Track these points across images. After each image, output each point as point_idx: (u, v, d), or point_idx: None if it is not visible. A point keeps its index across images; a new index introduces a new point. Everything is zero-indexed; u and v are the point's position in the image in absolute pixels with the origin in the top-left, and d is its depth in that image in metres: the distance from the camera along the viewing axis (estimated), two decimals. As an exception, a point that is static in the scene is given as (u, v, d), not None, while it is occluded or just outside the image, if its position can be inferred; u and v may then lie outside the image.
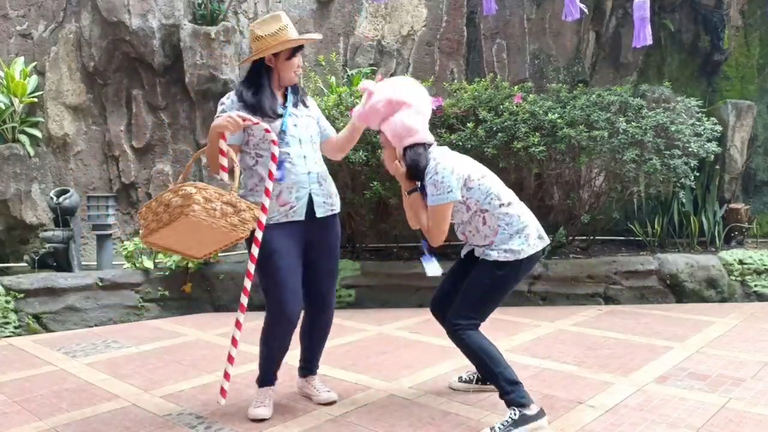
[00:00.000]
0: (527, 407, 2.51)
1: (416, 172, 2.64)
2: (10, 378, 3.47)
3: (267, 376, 2.84)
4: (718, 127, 5.32)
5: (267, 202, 2.56)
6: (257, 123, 2.58)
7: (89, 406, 2.98)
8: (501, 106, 4.95)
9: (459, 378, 3.11)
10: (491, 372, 2.58)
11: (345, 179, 5.27)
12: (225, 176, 2.53)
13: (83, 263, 5.62)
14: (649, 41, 4.70)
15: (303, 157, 2.69)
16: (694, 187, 5.57)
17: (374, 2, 6.28)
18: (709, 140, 5.15)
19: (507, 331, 4.21)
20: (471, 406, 2.82)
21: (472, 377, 3.06)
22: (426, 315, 3.57)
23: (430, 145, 2.67)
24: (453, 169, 2.59)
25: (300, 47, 2.75)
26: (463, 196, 2.61)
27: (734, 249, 5.37)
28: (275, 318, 2.68)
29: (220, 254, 5.45)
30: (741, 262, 5.08)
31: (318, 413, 2.79)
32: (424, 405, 2.86)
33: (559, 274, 5.05)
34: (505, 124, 4.82)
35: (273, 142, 2.58)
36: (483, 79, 5.43)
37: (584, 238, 5.66)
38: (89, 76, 6.25)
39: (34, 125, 6.01)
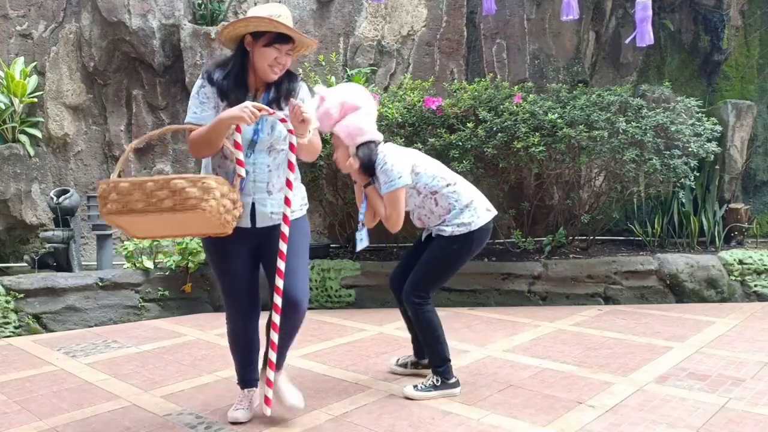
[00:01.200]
0: (449, 379, 2.98)
1: (369, 166, 2.92)
2: (10, 378, 3.47)
3: (241, 377, 2.81)
4: (718, 127, 5.32)
5: (290, 195, 2.52)
6: (273, 113, 2.43)
7: (89, 406, 2.98)
8: (501, 106, 4.95)
9: (396, 361, 3.36)
10: (433, 347, 2.99)
11: (345, 179, 5.28)
12: (243, 171, 2.43)
13: (83, 263, 5.62)
14: (651, 41, 4.70)
15: (266, 165, 2.53)
16: (694, 187, 5.57)
17: (374, 2, 6.28)
18: (708, 140, 5.15)
19: (507, 331, 4.21)
20: (471, 406, 2.82)
21: (406, 362, 3.30)
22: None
23: (378, 143, 2.98)
24: (400, 158, 2.94)
25: (284, 41, 2.47)
26: (412, 181, 2.94)
27: (734, 249, 5.37)
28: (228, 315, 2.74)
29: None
30: (741, 262, 5.08)
31: (318, 413, 2.79)
32: (424, 405, 2.86)
33: (559, 274, 5.05)
34: (505, 124, 4.81)
35: (290, 131, 2.47)
36: (483, 79, 5.43)
37: (584, 238, 5.66)
38: (89, 76, 6.25)
39: (34, 125, 6.01)
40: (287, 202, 2.52)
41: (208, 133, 2.40)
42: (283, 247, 2.49)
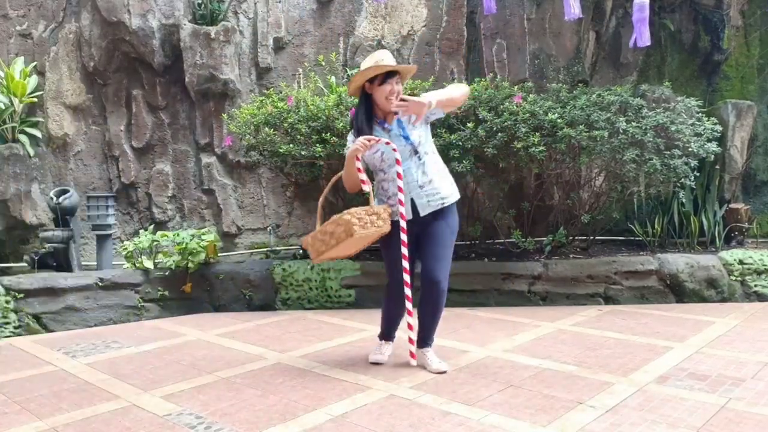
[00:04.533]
0: None
1: None
2: (10, 378, 3.47)
3: (384, 332, 3.59)
4: (718, 127, 5.31)
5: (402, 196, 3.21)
6: (379, 140, 3.14)
7: (89, 406, 2.98)
8: (501, 106, 4.94)
9: None
10: None
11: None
12: (367, 188, 3.14)
13: (83, 263, 5.62)
14: (648, 42, 4.69)
15: (414, 168, 3.23)
16: (694, 187, 5.56)
17: (374, 2, 6.28)
18: (709, 140, 5.15)
19: (507, 331, 4.20)
20: (471, 406, 2.82)
21: None
22: (426, 315, 3.55)
23: None
24: None
25: (392, 75, 3.20)
26: None
27: (734, 249, 5.36)
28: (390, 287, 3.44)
29: (219, 254, 5.47)
30: (741, 262, 5.08)
31: (318, 413, 2.79)
32: (424, 405, 2.85)
33: (559, 274, 5.04)
34: (505, 124, 4.81)
35: (394, 149, 3.15)
36: (483, 79, 5.43)
37: (584, 238, 5.66)
38: (89, 76, 6.25)
39: (34, 125, 6.00)
40: (401, 203, 3.22)
41: (345, 171, 3.25)
42: (404, 237, 3.20)
